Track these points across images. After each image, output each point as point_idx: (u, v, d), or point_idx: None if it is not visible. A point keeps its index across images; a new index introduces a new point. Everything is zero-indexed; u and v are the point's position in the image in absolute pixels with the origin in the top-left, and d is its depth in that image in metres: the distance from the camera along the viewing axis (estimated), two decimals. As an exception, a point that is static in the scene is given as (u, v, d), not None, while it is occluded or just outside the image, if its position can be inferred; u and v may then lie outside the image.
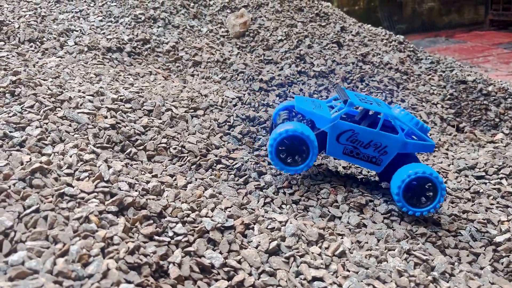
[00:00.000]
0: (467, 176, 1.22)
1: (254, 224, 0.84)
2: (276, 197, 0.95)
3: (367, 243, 0.85)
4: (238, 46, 1.81)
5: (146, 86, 1.33)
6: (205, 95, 1.35)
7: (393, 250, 0.83)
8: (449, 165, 1.28)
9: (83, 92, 1.14)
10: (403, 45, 2.20)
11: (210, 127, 1.18)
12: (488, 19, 5.21)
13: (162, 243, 0.73)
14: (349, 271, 0.76)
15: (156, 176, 0.93)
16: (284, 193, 0.97)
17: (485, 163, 1.27)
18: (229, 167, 1.03)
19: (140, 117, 1.10)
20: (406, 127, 0.98)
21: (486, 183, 1.19)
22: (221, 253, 0.76)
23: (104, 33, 1.65)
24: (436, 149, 1.40)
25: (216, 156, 1.05)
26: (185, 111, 1.20)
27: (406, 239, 0.88)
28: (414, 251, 0.83)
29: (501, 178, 1.20)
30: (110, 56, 1.51)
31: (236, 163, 1.04)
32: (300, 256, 0.77)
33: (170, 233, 0.76)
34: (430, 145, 0.97)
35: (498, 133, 1.66)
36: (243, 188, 0.97)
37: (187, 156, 1.02)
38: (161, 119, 1.13)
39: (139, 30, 1.71)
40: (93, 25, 1.69)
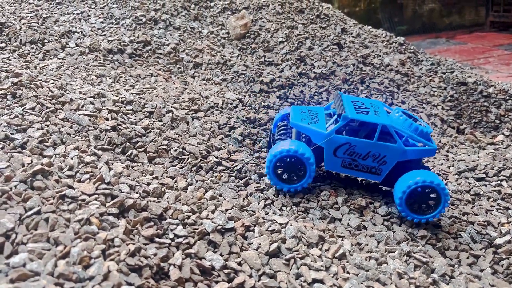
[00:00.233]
0: (467, 178, 1.22)
1: (255, 226, 0.85)
2: (277, 199, 0.96)
3: (367, 245, 0.85)
4: (239, 48, 1.81)
5: (147, 88, 1.34)
6: (206, 97, 1.35)
7: (393, 252, 0.84)
8: (450, 167, 1.28)
9: (84, 94, 1.14)
10: (404, 47, 2.20)
11: (211, 129, 1.18)
12: (489, 21, 5.21)
13: (163, 245, 0.73)
14: (349, 273, 0.76)
15: (157, 178, 0.93)
16: (285, 195, 0.97)
17: (486, 165, 1.27)
18: (230, 169, 1.04)
19: (141, 119, 1.10)
20: (405, 134, 0.96)
21: (487, 185, 1.19)
22: (222, 255, 0.76)
23: (105, 35, 1.66)
24: (437, 151, 1.40)
25: (217, 158, 1.05)
26: (186, 113, 1.21)
27: (406, 241, 0.89)
28: (414, 253, 0.84)
29: (502, 180, 1.20)
30: (111, 58, 1.52)
31: (237, 165, 1.04)
32: (301, 258, 0.77)
33: (171, 235, 0.76)
34: (431, 150, 0.96)
35: (499, 135, 1.66)
36: (244, 190, 0.98)
37: (188, 158, 1.02)
38: (162, 121, 1.13)
39: (140, 32, 1.71)
40: (94, 27, 1.70)
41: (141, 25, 1.77)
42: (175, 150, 1.03)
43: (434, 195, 0.92)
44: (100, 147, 0.95)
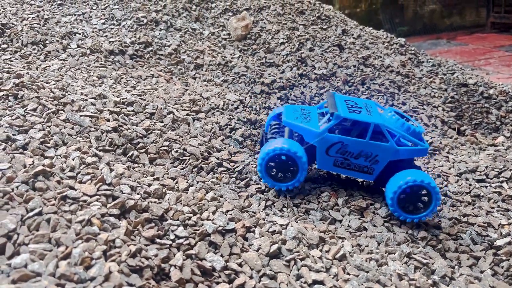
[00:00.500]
0: (468, 180, 1.22)
1: (255, 227, 0.85)
2: (277, 200, 0.96)
3: (368, 247, 0.85)
4: (240, 49, 1.82)
5: (148, 89, 1.34)
6: (207, 98, 1.35)
7: (394, 254, 0.84)
8: (450, 168, 1.28)
9: (86, 95, 1.14)
10: (404, 48, 2.21)
11: (212, 130, 1.18)
12: (490, 22, 5.21)
13: (164, 246, 0.74)
14: (350, 275, 0.76)
15: (158, 179, 0.93)
16: (285, 196, 0.98)
17: (486, 167, 1.27)
18: (231, 170, 1.04)
19: (142, 120, 1.11)
20: (397, 134, 0.96)
21: (487, 187, 1.19)
22: (222, 256, 0.76)
23: (107, 36, 1.66)
24: (437, 152, 1.40)
25: (218, 159, 1.06)
26: (187, 114, 1.21)
27: (407, 243, 0.89)
28: (415, 255, 0.84)
29: (502, 182, 1.20)
30: (113, 59, 1.52)
31: (238, 166, 1.05)
32: (301, 259, 0.77)
33: (172, 236, 0.77)
34: (423, 150, 0.96)
35: (499, 136, 1.66)
36: (244, 191, 0.98)
37: (189, 159, 1.03)
38: (163, 122, 1.13)
39: (141, 33, 1.72)
40: (96, 28, 1.70)
41: (142, 26, 1.77)
42: (176, 151, 1.03)
43: (426, 195, 0.92)
44: (101, 148, 0.96)
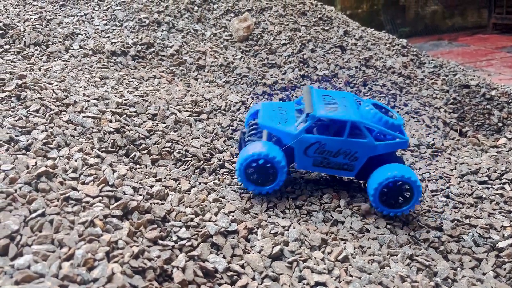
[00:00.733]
0: (470, 181, 1.22)
1: (257, 229, 0.85)
2: (279, 202, 0.96)
3: (370, 248, 0.85)
4: (242, 50, 1.82)
5: (150, 90, 1.34)
6: (209, 99, 1.35)
7: (396, 256, 0.84)
8: (452, 170, 1.28)
9: (88, 96, 1.14)
10: (406, 49, 2.20)
11: (214, 131, 1.18)
12: (492, 23, 5.21)
13: (166, 247, 0.74)
14: (352, 276, 0.76)
15: (160, 180, 0.94)
16: (287, 198, 0.98)
17: (488, 168, 1.27)
18: (233, 171, 1.04)
19: (145, 121, 1.11)
20: (375, 129, 0.95)
21: (489, 188, 1.19)
22: (225, 258, 0.76)
23: (109, 37, 1.66)
24: (439, 154, 1.40)
25: (220, 160, 1.06)
26: (189, 115, 1.21)
27: (409, 245, 0.89)
28: (417, 257, 0.84)
29: (504, 183, 1.19)
30: (115, 60, 1.52)
31: (240, 167, 1.05)
32: (303, 261, 0.77)
33: (174, 237, 0.77)
34: (403, 142, 0.95)
35: (501, 138, 1.66)
36: (246, 193, 0.98)
37: (191, 160, 1.03)
38: (165, 123, 1.14)
39: (143, 34, 1.72)
40: (98, 29, 1.71)
41: (145, 27, 1.78)
42: (178, 153, 1.03)
43: (407, 189, 0.92)
44: (104, 149, 0.96)
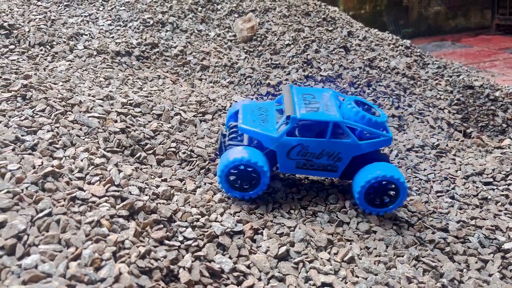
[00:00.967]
0: (475, 182, 1.22)
1: (263, 229, 0.85)
2: (285, 202, 0.96)
3: (376, 249, 0.85)
4: (246, 51, 1.82)
5: (155, 90, 1.34)
6: (213, 100, 1.35)
7: (402, 257, 0.84)
8: (457, 171, 1.28)
9: (93, 96, 1.15)
10: (410, 50, 2.20)
11: (219, 132, 1.18)
12: (495, 24, 5.20)
13: (172, 248, 0.74)
14: (358, 277, 0.76)
15: (166, 181, 0.94)
16: (293, 198, 0.98)
17: (493, 169, 1.27)
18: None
19: (150, 121, 1.11)
20: (358, 128, 0.93)
21: (494, 189, 1.19)
22: (231, 258, 0.76)
23: (113, 37, 1.66)
24: (444, 155, 1.40)
25: (225, 161, 1.06)
26: (194, 116, 1.21)
27: (415, 246, 0.89)
28: (423, 258, 0.84)
29: (509, 185, 1.19)
30: (119, 60, 1.52)
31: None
32: (309, 262, 0.77)
33: (180, 238, 0.77)
34: (386, 140, 0.93)
35: (506, 139, 1.66)
36: (252, 193, 0.98)
37: (196, 161, 1.03)
38: (170, 123, 1.14)
39: (148, 34, 1.72)
40: (102, 29, 1.71)
41: (149, 28, 1.78)
42: (184, 153, 1.03)
43: (393, 188, 0.91)
44: (110, 149, 0.96)
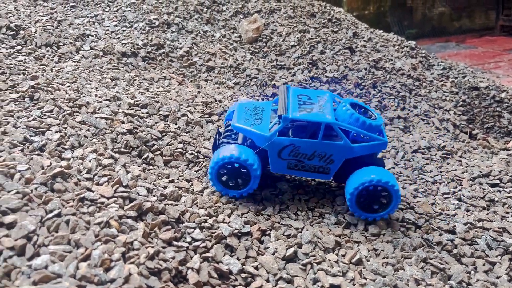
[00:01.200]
0: (482, 184, 1.21)
1: (270, 231, 0.85)
2: (292, 204, 0.96)
3: (383, 251, 0.85)
4: (251, 52, 1.82)
5: (161, 91, 1.35)
6: (220, 101, 1.36)
7: (410, 259, 0.83)
8: (463, 173, 1.28)
9: (100, 97, 1.15)
10: (415, 51, 2.20)
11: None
12: (499, 25, 5.18)
13: (181, 249, 0.74)
14: (366, 279, 0.76)
15: (173, 181, 0.94)
16: (300, 200, 0.98)
17: (500, 171, 1.26)
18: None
19: (156, 122, 1.11)
20: (352, 130, 0.91)
21: (501, 191, 1.18)
22: (239, 259, 0.76)
23: (119, 38, 1.67)
24: (450, 156, 1.39)
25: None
26: (200, 117, 1.21)
27: (422, 247, 0.88)
28: (431, 260, 0.83)
29: (516, 187, 1.19)
30: (125, 61, 1.53)
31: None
32: (317, 263, 0.77)
33: (188, 239, 0.77)
34: (381, 144, 0.92)
35: (511, 141, 1.65)
36: (259, 195, 0.98)
37: (203, 162, 1.03)
38: (177, 124, 1.14)
39: (153, 35, 1.72)
40: (108, 30, 1.71)
41: (154, 29, 1.78)
42: (191, 154, 1.04)
43: (385, 194, 0.89)
44: (117, 150, 0.96)
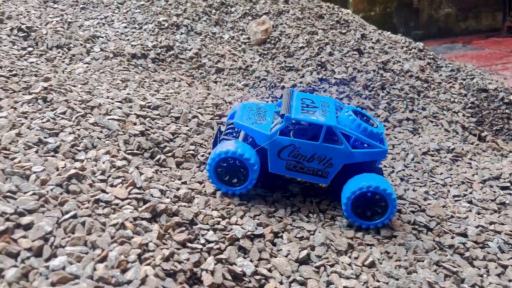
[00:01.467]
0: (492, 187, 1.21)
1: (283, 233, 0.85)
2: (303, 206, 0.96)
3: (396, 254, 0.85)
4: (260, 53, 1.83)
5: (171, 93, 1.35)
6: (230, 102, 1.36)
7: (423, 261, 0.84)
8: (473, 175, 1.27)
9: (112, 99, 1.16)
10: (423, 53, 2.19)
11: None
12: (506, 26, 5.16)
13: (195, 250, 0.74)
14: (380, 282, 0.76)
15: (186, 183, 0.94)
16: (311, 202, 0.98)
17: (510, 174, 1.26)
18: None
19: (168, 124, 1.12)
20: (353, 135, 0.91)
21: (511, 194, 1.18)
22: (252, 261, 0.77)
23: (129, 40, 1.68)
24: (460, 159, 1.39)
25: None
26: (211, 118, 1.22)
27: (434, 250, 0.88)
28: (443, 263, 0.83)
29: (527, 189, 1.19)
30: (135, 63, 1.54)
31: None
32: (330, 266, 0.78)
33: (202, 240, 0.77)
34: (381, 152, 0.92)
35: (521, 143, 1.65)
36: (270, 196, 0.98)
37: (214, 163, 1.03)
38: (188, 126, 1.14)
39: (163, 37, 1.73)
40: (118, 32, 1.72)
41: (164, 30, 1.79)
42: (202, 155, 1.04)
43: (381, 201, 0.89)
44: (130, 152, 0.97)
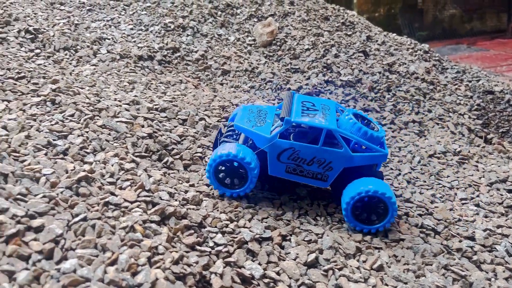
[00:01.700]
0: (499, 190, 1.21)
1: (291, 236, 0.85)
2: (311, 209, 0.96)
3: (404, 257, 0.85)
4: (265, 55, 1.83)
5: (178, 95, 1.36)
6: (236, 105, 1.36)
7: (431, 265, 0.83)
8: (480, 178, 1.27)
9: (119, 101, 1.16)
10: (429, 55, 2.19)
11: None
12: (511, 27, 5.14)
13: (204, 253, 0.75)
14: (388, 285, 0.76)
15: (193, 186, 0.95)
16: (318, 205, 0.98)
17: (517, 177, 1.26)
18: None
19: (175, 126, 1.12)
20: (353, 139, 0.91)
21: (519, 197, 1.18)
22: (260, 264, 0.77)
23: (135, 41, 1.68)
24: (466, 161, 1.39)
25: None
26: (218, 121, 1.22)
27: (442, 254, 0.88)
28: (451, 266, 0.83)
29: (534, 193, 1.18)
30: (142, 64, 1.54)
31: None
32: (339, 269, 0.78)
33: (211, 243, 0.78)
34: (381, 156, 0.91)
35: (528, 145, 1.64)
36: (277, 199, 0.98)
37: (222, 166, 1.04)
38: (195, 128, 1.15)
39: (169, 39, 1.74)
40: (124, 33, 1.73)
41: (170, 32, 1.79)
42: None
43: (381, 205, 0.89)
44: (138, 154, 0.97)
